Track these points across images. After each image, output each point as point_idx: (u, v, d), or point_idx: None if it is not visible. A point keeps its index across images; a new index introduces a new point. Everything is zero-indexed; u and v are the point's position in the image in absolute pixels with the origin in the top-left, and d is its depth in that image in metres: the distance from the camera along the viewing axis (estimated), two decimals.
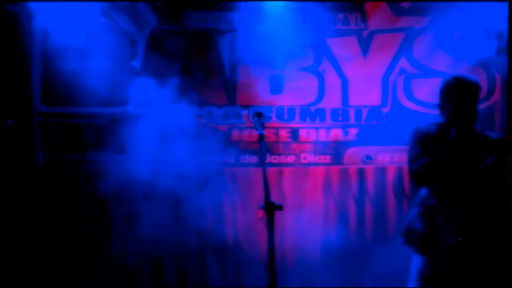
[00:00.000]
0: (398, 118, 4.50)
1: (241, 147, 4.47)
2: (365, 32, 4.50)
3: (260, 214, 2.76)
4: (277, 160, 4.51)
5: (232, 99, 4.48)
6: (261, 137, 2.97)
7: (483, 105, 4.40)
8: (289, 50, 4.47)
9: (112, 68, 4.20)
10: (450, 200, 3.08)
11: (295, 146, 4.53)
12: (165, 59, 4.35)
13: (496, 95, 4.48)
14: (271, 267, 2.73)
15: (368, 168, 4.56)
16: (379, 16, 4.49)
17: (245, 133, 4.48)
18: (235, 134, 4.49)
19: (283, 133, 4.52)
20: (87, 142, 4.33)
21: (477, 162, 3.06)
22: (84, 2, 4.20)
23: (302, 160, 4.53)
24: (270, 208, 2.75)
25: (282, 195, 4.42)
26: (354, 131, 4.54)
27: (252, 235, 4.37)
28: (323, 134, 4.54)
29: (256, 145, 4.34)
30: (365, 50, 4.51)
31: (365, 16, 4.49)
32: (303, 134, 4.53)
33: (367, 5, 4.48)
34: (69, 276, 4.22)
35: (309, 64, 4.51)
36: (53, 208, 4.25)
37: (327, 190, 4.55)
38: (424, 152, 3.11)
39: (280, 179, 4.51)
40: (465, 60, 4.42)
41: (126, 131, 4.21)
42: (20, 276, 4.07)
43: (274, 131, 4.51)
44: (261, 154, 3.06)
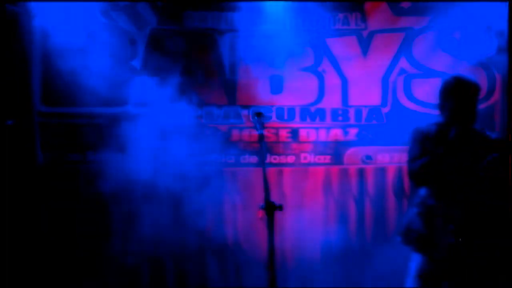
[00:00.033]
0: (398, 118, 4.50)
1: (241, 147, 4.47)
2: (365, 32, 4.50)
3: (260, 214, 2.76)
4: (277, 160, 4.51)
5: (232, 99, 4.48)
6: (261, 137, 2.97)
7: (483, 105, 4.40)
8: (289, 50, 4.47)
9: (112, 68, 4.20)
10: (450, 200, 3.08)
11: (295, 146, 4.53)
12: (165, 59, 4.35)
13: (496, 95, 4.48)
14: (271, 267, 2.73)
15: (368, 168, 4.56)
16: (379, 16, 4.49)
17: (245, 133, 4.48)
18: (235, 134, 4.49)
19: (283, 133, 4.52)
20: (87, 142, 4.33)
21: (477, 162, 3.06)
22: (84, 2, 4.20)
23: (302, 160, 4.52)
24: (270, 208, 2.75)
25: (282, 195, 4.41)
26: (354, 131, 4.54)
27: (252, 235, 4.37)
28: (323, 134, 4.53)
29: (256, 145, 4.34)
30: (365, 50, 4.50)
31: (365, 16, 4.49)
32: (303, 134, 4.53)
33: (367, 5, 4.48)
34: (69, 276, 4.22)
35: (309, 64, 4.51)
36: (53, 208, 4.25)
37: (327, 190, 4.55)
38: (424, 152, 3.11)
39: (280, 179, 4.51)
40: (465, 60, 4.42)
41: (126, 131, 4.21)
42: (20, 276, 4.07)
43: (274, 131, 4.50)
44: (261, 154, 3.07)
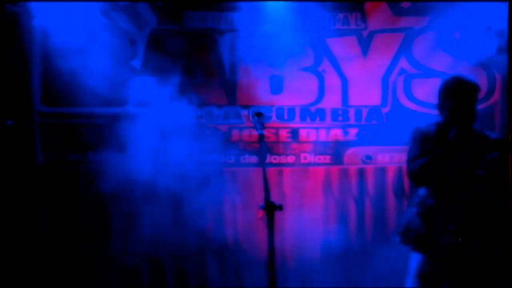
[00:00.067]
0: (398, 118, 4.49)
1: (241, 147, 4.47)
2: (365, 32, 4.50)
3: (260, 214, 2.76)
4: (277, 160, 4.51)
5: (232, 99, 4.48)
6: (261, 137, 2.97)
7: (483, 105, 4.40)
8: (289, 50, 4.47)
9: (112, 68, 4.20)
10: (449, 200, 3.08)
11: (295, 146, 4.53)
12: (165, 59, 4.34)
13: (496, 95, 4.47)
14: (271, 267, 2.73)
15: (368, 168, 4.56)
16: (379, 16, 4.49)
17: (245, 133, 4.48)
18: (235, 134, 4.49)
19: (283, 133, 4.52)
20: (87, 142, 4.33)
21: (476, 162, 3.06)
22: (84, 2, 4.20)
23: (302, 160, 4.52)
24: (270, 208, 2.75)
25: (282, 195, 4.41)
26: (354, 131, 4.54)
27: (252, 235, 4.37)
28: (323, 134, 4.53)
29: (256, 145, 4.34)
30: (365, 50, 4.50)
31: (365, 16, 4.49)
32: (303, 134, 4.53)
33: (367, 5, 4.48)
34: (69, 276, 4.22)
35: (309, 64, 4.51)
36: (53, 208, 4.25)
37: (327, 190, 4.55)
38: (423, 152, 3.11)
39: (280, 179, 4.51)
40: (465, 60, 4.42)
41: (126, 131, 4.21)
42: (20, 276, 4.07)
43: (274, 131, 4.50)
44: (261, 154, 3.07)
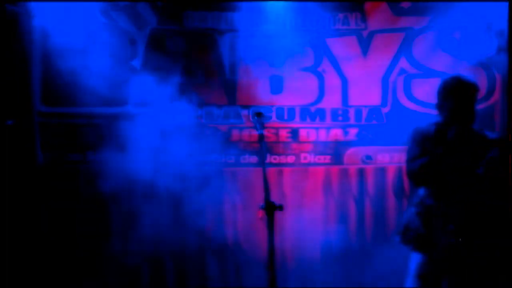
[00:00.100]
0: (398, 118, 4.49)
1: (241, 147, 4.47)
2: (365, 32, 4.50)
3: (260, 214, 2.76)
4: (277, 160, 4.51)
5: (232, 99, 4.48)
6: (261, 137, 2.97)
7: (483, 105, 4.40)
8: (289, 50, 4.48)
9: (112, 68, 4.20)
10: (449, 200, 3.08)
11: (295, 146, 4.53)
12: (165, 59, 4.34)
13: (496, 95, 4.47)
14: (271, 267, 2.73)
15: (368, 168, 4.55)
16: (379, 16, 4.49)
17: (245, 133, 4.48)
18: (235, 134, 4.49)
19: (283, 133, 4.52)
20: (87, 142, 4.33)
21: (476, 162, 3.06)
22: (84, 2, 4.20)
23: (302, 160, 4.52)
24: (270, 208, 2.75)
25: (282, 195, 4.41)
26: (354, 131, 4.54)
27: (252, 235, 4.37)
28: (323, 134, 4.53)
29: (256, 145, 4.34)
30: (365, 50, 4.50)
31: (365, 16, 4.49)
32: (303, 134, 4.53)
33: (367, 5, 4.48)
34: (69, 276, 4.22)
35: (309, 64, 4.51)
36: (53, 208, 4.25)
37: (327, 190, 4.55)
38: (423, 152, 3.11)
39: (280, 179, 4.50)
40: (465, 60, 4.42)
41: (126, 131, 4.20)
42: (20, 276, 4.07)
43: (274, 131, 4.50)
44: (261, 154, 3.07)
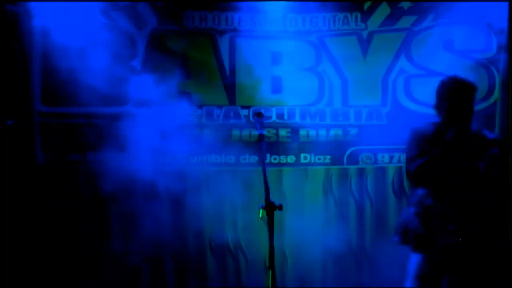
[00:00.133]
0: (398, 118, 4.48)
1: (241, 147, 4.46)
2: (365, 32, 4.49)
3: (260, 214, 2.76)
4: (277, 160, 4.51)
5: (232, 99, 4.48)
6: (261, 137, 2.96)
7: (483, 105, 4.40)
8: (289, 50, 4.48)
9: (112, 68, 4.19)
10: (447, 200, 3.08)
11: (295, 146, 4.52)
12: (165, 59, 4.35)
13: (496, 94, 4.47)
14: (271, 267, 2.73)
15: (368, 168, 4.55)
16: (379, 16, 4.49)
17: (245, 133, 4.48)
18: (235, 134, 4.49)
19: (283, 133, 4.52)
20: (87, 142, 4.33)
21: (474, 162, 3.06)
22: (84, 2, 4.20)
23: (302, 160, 4.52)
24: (270, 208, 2.75)
25: (282, 195, 4.41)
26: (354, 131, 4.54)
27: (252, 235, 4.37)
28: (323, 134, 4.53)
29: (256, 145, 4.34)
30: (365, 50, 4.50)
31: (365, 16, 4.48)
32: (303, 134, 4.52)
33: (367, 5, 4.48)
34: (69, 276, 4.22)
35: (309, 64, 4.51)
36: (53, 208, 4.25)
37: (327, 190, 4.55)
38: (421, 152, 3.11)
39: (280, 179, 4.50)
40: (465, 59, 4.41)
41: (126, 130, 4.20)
42: (20, 276, 4.07)
43: (274, 131, 4.50)
44: (261, 154, 3.07)
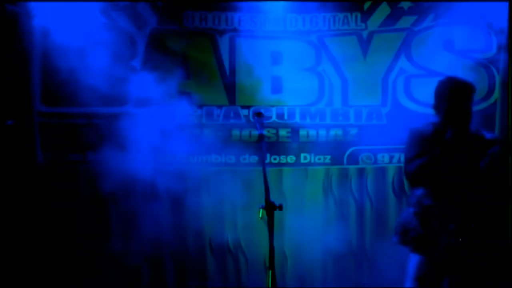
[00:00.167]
0: (398, 118, 4.48)
1: (241, 147, 4.46)
2: (365, 32, 4.49)
3: (260, 214, 2.76)
4: (277, 160, 4.51)
5: (232, 99, 4.48)
6: (261, 137, 2.96)
7: (483, 105, 4.40)
8: (289, 50, 4.48)
9: (112, 68, 4.19)
10: (446, 200, 3.08)
11: (295, 146, 4.52)
12: (165, 59, 4.35)
13: (496, 95, 4.47)
14: (271, 267, 2.73)
15: (368, 168, 4.55)
16: (379, 16, 4.49)
17: (245, 133, 4.48)
18: (235, 134, 4.49)
19: (283, 133, 4.52)
20: (87, 142, 4.33)
21: (473, 162, 3.06)
22: (84, 2, 4.20)
23: (302, 160, 4.52)
24: (270, 208, 2.75)
25: (282, 195, 4.41)
26: (354, 131, 4.54)
27: (252, 235, 4.37)
28: (323, 134, 4.53)
29: (256, 145, 4.34)
30: (365, 50, 4.50)
31: (365, 16, 4.48)
32: (303, 134, 4.52)
33: (367, 5, 4.48)
34: (69, 276, 4.22)
35: (309, 64, 4.51)
36: (53, 208, 4.25)
37: (327, 190, 4.55)
38: (420, 152, 3.11)
39: (280, 179, 4.50)
40: (465, 59, 4.41)
41: (126, 130, 4.20)
42: (20, 276, 4.07)
43: (274, 131, 4.50)
44: (261, 154, 3.07)
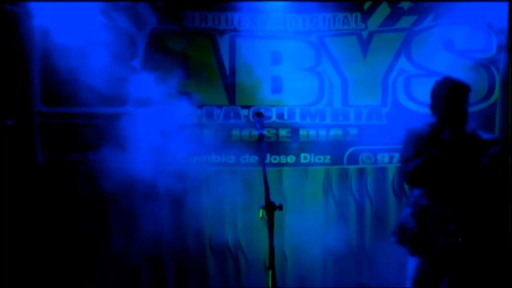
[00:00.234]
0: (398, 118, 4.48)
1: (241, 147, 4.46)
2: (365, 32, 4.49)
3: (260, 214, 2.76)
4: (277, 160, 4.51)
5: (232, 99, 4.48)
6: (261, 137, 2.96)
7: (483, 105, 4.41)
8: (289, 50, 4.48)
9: (112, 68, 4.19)
10: (444, 200, 3.09)
11: (295, 146, 4.52)
12: (165, 59, 4.35)
13: (496, 94, 4.47)
14: (271, 267, 2.73)
15: (368, 168, 4.55)
16: (379, 16, 4.49)
17: (245, 133, 4.48)
18: (235, 134, 4.49)
19: (283, 133, 4.52)
20: (87, 142, 4.33)
21: (469, 163, 3.07)
22: (84, 2, 4.20)
23: (302, 160, 4.52)
24: (270, 208, 2.75)
25: (282, 195, 4.41)
26: (354, 131, 4.54)
27: (252, 235, 4.37)
28: (323, 134, 4.53)
29: (256, 145, 4.34)
30: (365, 50, 4.50)
31: (365, 16, 4.48)
32: (303, 134, 4.53)
33: (367, 5, 4.48)
34: (69, 276, 4.22)
35: (309, 64, 4.51)
36: (53, 208, 4.25)
37: (327, 190, 4.55)
38: (417, 153, 3.11)
39: (280, 179, 4.50)
40: (465, 59, 4.41)
41: (126, 130, 4.20)
42: (20, 276, 4.07)
43: (274, 131, 4.50)
44: (261, 154, 3.07)
